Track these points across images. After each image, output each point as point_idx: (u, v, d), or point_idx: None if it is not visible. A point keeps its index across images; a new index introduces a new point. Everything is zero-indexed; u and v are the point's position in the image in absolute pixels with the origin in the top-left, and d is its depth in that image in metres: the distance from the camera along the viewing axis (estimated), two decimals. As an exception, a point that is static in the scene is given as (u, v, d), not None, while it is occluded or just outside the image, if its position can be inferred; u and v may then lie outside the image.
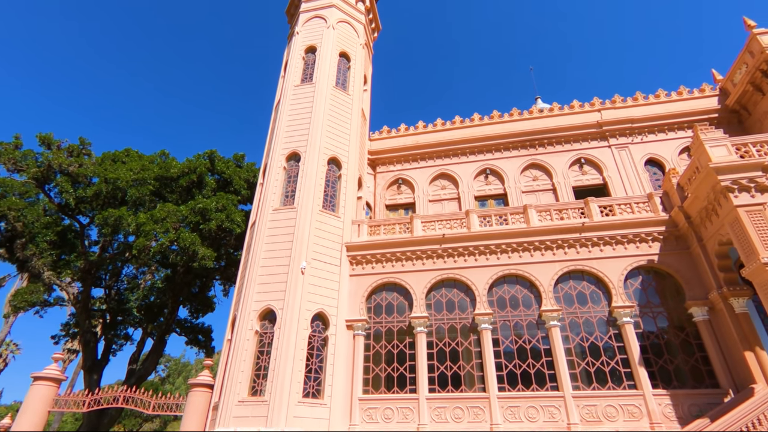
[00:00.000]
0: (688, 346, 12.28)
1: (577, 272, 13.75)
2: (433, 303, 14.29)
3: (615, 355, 12.44)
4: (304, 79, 18.88)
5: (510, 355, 13.07)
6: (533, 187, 19.59)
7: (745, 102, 18.12)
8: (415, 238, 15.06)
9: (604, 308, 13.12)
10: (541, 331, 13.16)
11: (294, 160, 16.68)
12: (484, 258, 14.39)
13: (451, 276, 14.39)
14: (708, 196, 11.53)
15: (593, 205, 14.43)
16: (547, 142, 20.29)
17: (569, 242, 13.99)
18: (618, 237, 13.65)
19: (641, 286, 13.28)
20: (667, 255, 13.21)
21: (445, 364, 13.24)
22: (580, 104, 20.90)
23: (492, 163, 20.46)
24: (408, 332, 13.95)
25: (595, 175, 19.17)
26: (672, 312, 12.84)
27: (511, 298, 13.88)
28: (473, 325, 13.56)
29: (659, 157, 18.70)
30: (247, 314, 13.53)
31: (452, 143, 21.11)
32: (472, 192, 19.99)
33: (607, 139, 19.75)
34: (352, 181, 16.93)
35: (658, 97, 20.24)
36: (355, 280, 15.00)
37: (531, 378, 12.54)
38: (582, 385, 12.20)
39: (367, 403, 12.91)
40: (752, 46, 17.36)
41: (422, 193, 20.46)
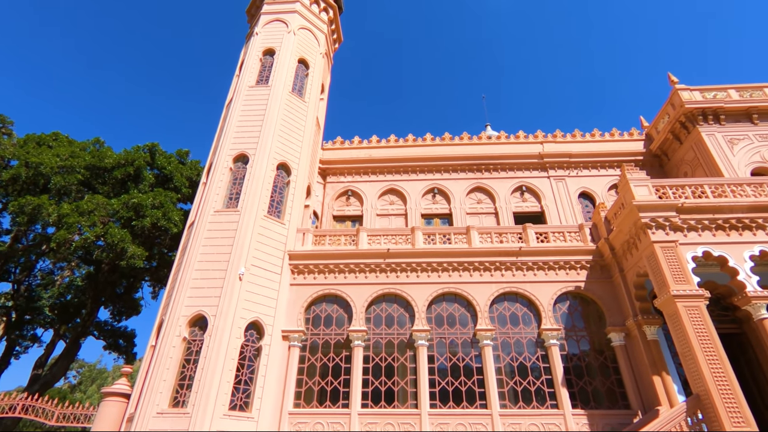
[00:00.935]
0: (606, 369, 13.16)
1: (511, 294, 14.35)
2: (373, 317, 14.27)
3: (541, 375, 13.05)
4: (260, 80, 18.49)
5: (444, 372, 13.29)
6: (477, 209, 20.35)
7: (666, 148, 20.10)
8: (360, 251, 15.04)
9: (534, 330, 13.76)
10: (475, 349, 13.54)
11: (242, 161, 16.17)
12: (426, 275, 14.65)
13: (392, 291, 14.48)
14: (630, 231, 12.56)
15: (530, 231, 15.21)
16: (492, 167, 21.22)
17: (506, 265, 14.60)
18: (550, 263, 14.46)
19: (568, 310, 14.11)
20: (592, 282, 14.17)
21: (380, 379, 13.20)
22: (525, 135, 22.14)
23: (440, 183, 21.04)
24: (345, 345, 13.79)
25: (534, 203, 20.28)
26: (594, 336, 13.73)
27: (448, 316, 14.18)
28: (410, 341, 13.68)
29: (591, 191, 20.18)
30: (175, 319, 12.75)
31: (404, 160, 21.49)
32: (419, 209, 20.39)
33: (546, 170, 21.03)
34: (300, 189, 16.68)
35: (593, 136, 21.94)
36: (296, 289, 14.66)
37: (462, 395, 12.81)
38: (509, 403, 12.64)
39: (297, 417, 12.53)
40: (674, 99, 19.38)
41: (371, 206, 20.56)
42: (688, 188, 12.66)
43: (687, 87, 19.22)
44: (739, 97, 18.74)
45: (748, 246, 11.48)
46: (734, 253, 11.40)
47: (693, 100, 18.53)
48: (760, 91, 18.96)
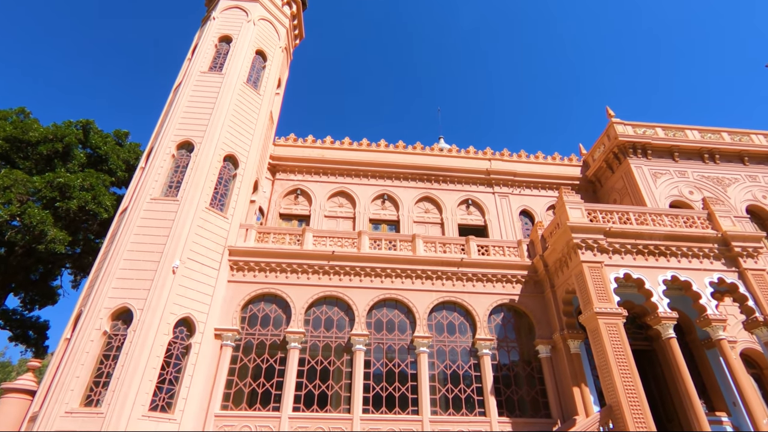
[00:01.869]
0: (532, 379, 13.84)
1: (450, 303, 14.73)
2: (312, 319, 14.05)
3: (472, 383, 13.47)
4: (213, 67, 17.76)
5: (379, 377, 13.34)
6: (425, 218, 20.75)
7: (600, 176, 21.67)
8: (305, 252, 14.79)
9: (469, 339, 14.20)
10: (411, 356, 13.72)
11: (186, 149, 15.39)
12: (369, 280, 14.68)
13: (334, 294, 14.36)
14: (563, 250, 13.36)
15: (473, 244, 15.73)
16: (442, 179, 21.78)
17: (448, 274, 14.98)
18: (489, 275, 15.03)
19: (502, 321, 14.71)
20: (525, 296, 14.89)
21: (314, 382, 12.99)
22: (475, 151, 22.96)
23: (391, 190, 21.24)
24: (281, 347, 13.45)
25: (478, 217, 21.03)
26: (523, 347, 14.40)
27: (388, 321, 14.28)
28: (348, 345, 13.61)
29: (531, 210, 21.28)
30: (96, 311, 11.81)
31: (356, 164, 21.49)
32: (368, 214, 20.44)
33: (492, 187, 21.91)
34: (247, 183, 16.14)
35: (537, 158, 23.18)
36: (234, 286, 14.12)
37: (395, 401, 12.91)
38: (440, 410, 12.91)
39: (223, 420, 12.00)
40: (610, 131, 20.96)
41: (319, 207, 20.33)
42: (615, 214, 13.70)
43: (622, 121, 20.89)
44: (665, 135, 20.66)
45: (662, 271, 12.60)
46: (650, 276, 12.47)
47: (626, 134, 20.17)
48: (681, 132, 21.02)
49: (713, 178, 19.55)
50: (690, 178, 19.42)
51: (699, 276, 12.63)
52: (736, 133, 21.25)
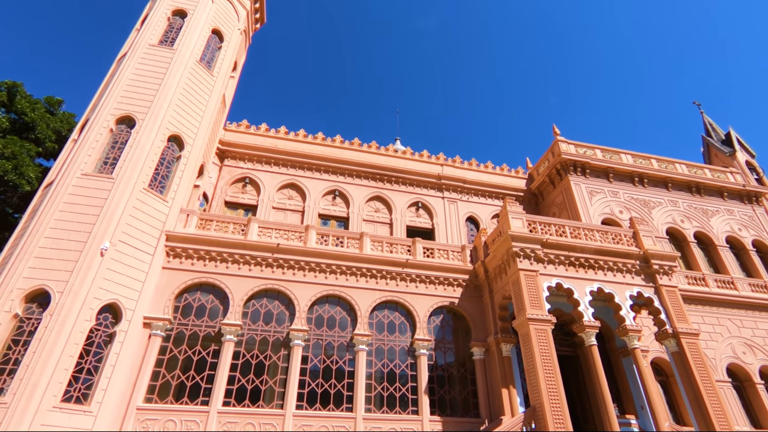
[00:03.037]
0: (465, 380, 14.32)
1: (392, 303, 14.89)
2: (251, 312, 13.66)
3: (407, 382, 13.70)
4: (164, 41, 16.77)
5: (316, 373, 13.22)
6: (374, 217, 20.84)
7: (542, 190, 22.83)
8: (248, 242, 14.35)
9: (408, 339, 14.44)
10: (350, 353, 13.73)
11: (126, 124, 14.41)
12: (313, 275, 14.51)
13: (276, 287, 14.04)
14: (503, 257, 13.93)
15: (419, 246, 16.01)
16: (395, 180, 21.97)
17: (392, 274, 15.14)
18: (432, 277, 15.36)
19: (441, 323, 15.09)
20: (465, 300, 15.37)
21: (248, 377, 12.64)
22: (429, 155, 23.38)
23: (342, 187, 21.13)
24: (216, 339, 12.96)
25: (426, 220, 21.44)
26: (459, 349, 14.86)
27: (329, 318, 14.19)
28: (287, 340, 13.37)
29: (477, 217, 22.01)
30: (7, 291, 10.76)
31: (310, 157, 21.16)
32: (317, 209, 20.20)
33: (442, 191, 22.42)
34: (192, 166, 15.41)
35: (487, 167, 24.02)
36: (168, 273, 13.42)
37: (330, 398, 12.86)
38: (374, 408, 13.02)
39: (146, 414, 11.37)
40: (555, 148, 22.15)
41: (268, 198, 19.81)
42: (553, 226, 14.50)
43: (566, 140, 22.15)
44: (603, 157, 22.15)
45: (590, 282, 13.51)
46: (579, 287, 13.32)
47: (568, 153, 21.41)
48: (617, 156, 22.64)
49: (641, 200, 21.23)
50: (621, 199, 20.96)
51: (621, 289, 13.66)
52: (663, 160, 23.22)
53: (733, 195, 23.08)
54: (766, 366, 17.27)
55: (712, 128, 30.77)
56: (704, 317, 17.78)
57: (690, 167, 23.49)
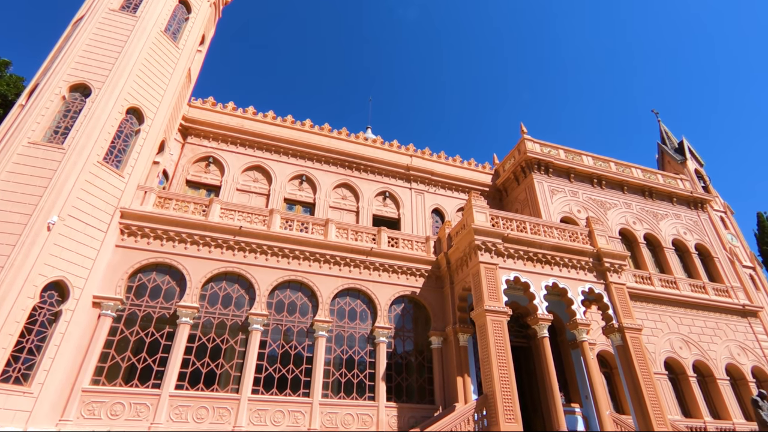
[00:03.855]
0: (422, 368, 14.62)
1: (355, 290, 14.93)
2: (209, 295, 13.34)
3: (366, 369, 13.84)
4: (126, 6, 15.82)
5: (274, 359, 13.12)
6: (341, 205, 20.73)
7: (507, 186, 23.40)
8: (210, 223, 13.95)
9: (369, 326, 14.55)
10: (310, 339, 13.70)
11: (81, 92, 13.57)
12: (276, 260, 14.31)
13: (236, 270, 13.76)
14: (465, 249, 14.23)
15: (384, 235, 16.09)
16: (363, 168, 21.89)
17: (356, 262, 15.16)
18: (395, 267, 15.50)
19: (402, 312, 15.29)
20: (426, 290, 15.63)
21: (203, 360, 12.37)
22: (399, 146, 23.41)
23: (310, 172, 20.85)
24: (171, 321, 12.59)
25: (393, 209, 21.54)
26: (418, 338, 15.13)
27: (290, 303, 14.08)
28: (245, 324, 13.17)
29: (443, 209, 22.33)
30: (-60, 264, 9.99)
31: (278, 140, 20.72)
32: (283, 193, 19.87)
33: (410, 182, 22.56)
34: (152, 142, 14.73)
35: (455, 161, 24.33)
36: (122, 252, 12.86)
37: (287, 383, 12.81)
38: (331, 393, 13.10)
39: (92, 396, 10.94)
40: (521, 146, 22.69)
41: (232, 179, 19.28)
42: (514, 222, 14.91)
43: (532, 139, 22.73)
44: (565, 157, 22.91)
45: (546, 277, 14.03)
46: (535, 281, 13.81)
47: (534, 151, 22.00)
48: (579, 157, 23.48)
49: (598, 201, 22.17)
50: (580, 199, 21.81)
51: (574, 285, 14.28)
52: (620, 164, 24.29)
53: (682, 200, 24.50)
54: (699, 360, 18.62)
55: (667, 136, 32.44)
56: (648, 314, 18.91)
57: (645, 172, 24.70)
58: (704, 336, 19.41)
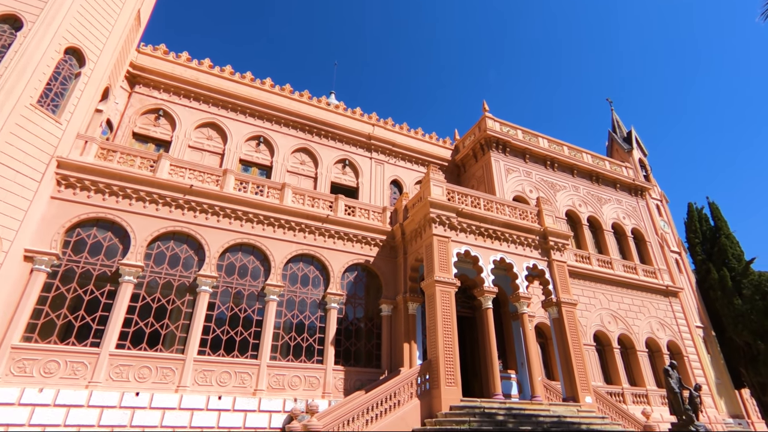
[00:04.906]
0: (371, 334, 15.03)
1: (308, 256, 14.91)
2: (155, 254, 12.85)
3: (316, 334, 14.04)
4: (66, -69, 14.12)
5: (222, 321, 12.98)
6: (299, 170, 20.33)
7: (466, 162, 23.82)
8: (158, 180, 13.26)
9: (321, 292, 14.66)
10: (260, 303, 13.63)
11: (10, 24, 12.18)
12: (228, 221, 13.93)
13: (185, 230, 13.28)
14: (420, 222, 14.49)
15: (341, 203, 16.02)
16: (324, 134, 21.45)
17: (311, 228, 15.07)
18: (351, 235, 15.57)
19: (354, 280, 15.50)
20: (380, 259, 15.88)
21: (147, 320, 12.03)
22: (361, 114, 23.06)
23: (268, 133, 20.18)
24: (112, 279, 12.06)
25: (352, 178, 21.41)
26: (369, 305, 15.46)
27: (242, 266, 13.86)
28: (193, 286, 12.87)
29: (401, 181, 22.47)
30: None
31: (235, 97, 19.77)
32: (239, 153, 19.17)
33: (371, 152, 22.42)
34: (94, 87, 13.60)
35: (417, 134, 24.36)
36: (59, 205, 12.01)
37: (235, 345, 12.77)
38: (280, 356, 13.22)
39: (23, 353, 10.40)
40: (482, 124, 23.03)
41: (184, 135, 18.31)
42: (469, 197, 15.30)
43: (493, 117, 23.10)
44: (522, 138, 23.54)
45: (494, 252, 14.64)
46: (484, 255, 14.38)
47: (494, 130, 22.41)
48: (536, 138, 24.20)
49: (549, 183, 23.12)
50: (533, 179, 22.64)
51: (520, 260, 15.01)
52: (573, 149, 25.32)
53: (624, 187, 26.06)
54: (623, 334, 20.38)
55: (618, 125, 34.02)
56: (584, 290, 20.32)
57: (594, 158, 25.93)
58: (630, 312, 21.20)
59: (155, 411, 10.77)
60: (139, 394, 10.85)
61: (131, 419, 10.49)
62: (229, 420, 11.41)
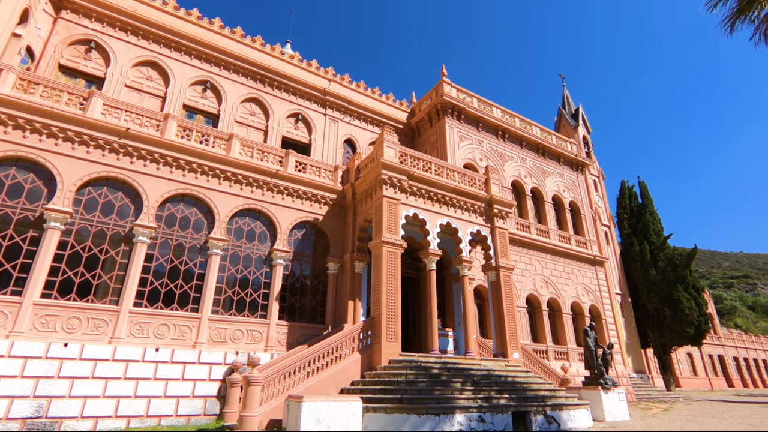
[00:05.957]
0: (317, 291, 15.17)
1: (255, 211, 14.55)
2: (86, 200, 11.95)
3: (260, 289, 13.95)
4: None
5: (161, 273, 12.51)
6: (248, 121, 19.40)
7: (421, 126, 23.82)
8: (89, 120, 12.13)
9: (267, 248, 14.47)
10: (203, 256, 13.24)
11: None
12: (168, 170, 13.16)
13: (120, 176, 12.40)
14: (371, 182, 14.48)
15: (292, 158, 15.59)
16: (277, 85, 20.46)
17: (259, 183, 14.62)
18: (300, 192, 15.31)
19: (302, 237, 15.40)
20: (329, 218, 15.82)
21: (76, 269, 11.33)
22: (318, 66, 22.15)
23: (216, 79, 18.93)
24: (36, 225, 11.13)
25: (304, 134, 20.79)
26: (316, 263, 15.51)
27: (183, 218, 13.27)
28: (129, 236, 12.20)
29: (355, 140, 22.16)
30: None
31: (180, 36, 18.19)
32: (183, 98, 17.89)
33: (326, 108, 21.76)
34: (10, 7, 11.95)
35: (374, 93, 23.89)
36: (-31, 139, 10.71)
37: (175, 298, 12.42)
38: (222, 310, 13.06)
39: (-69, 301, 9.51)
40: (439, 88, 22.95)
41: (119, 72, 16.72)
42: (421, 161, 15.43)
43: (450, 83, 23.06)
44: (477, 106, 23.80)
45: (441, 217, 15.03)
46: (432, 219, 14.74)
47: (450, 95, 22.43)
48: (490, 108, 24.56)
49: (499, 152, 23.79)
50: (484, 148, 23.16)
51: (465, 226, 15.55)
52: (524, 121, 26.04)
53: (567, 162, 27.39)
54: (552, 298, 22.06)
55: (567, 101, 35.26)
56: (521, 257, 21.57)
57: (542, 132, 26.86)
58: (561, 278, 22.89)
59: (86, 362, 10.37)
60: (68, 345, 10.37)
61: (59, 370, 10.05)
62: (167, 372, 11.26)
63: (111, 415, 10.22)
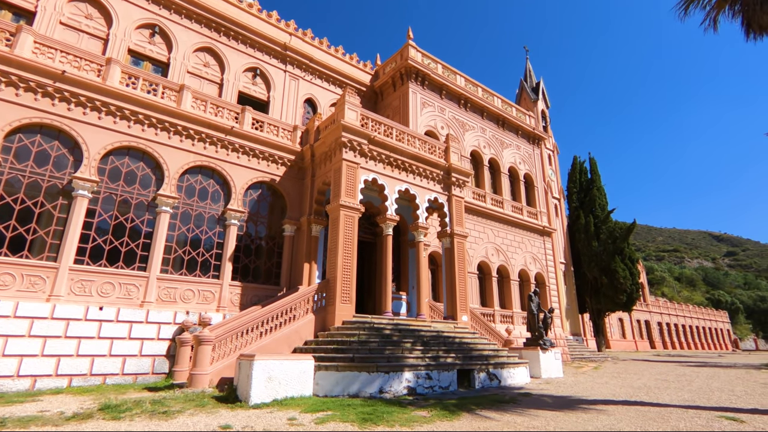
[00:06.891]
0: (272, 253, 15.02)
1: (208, 169, 13.96)
2: (17, 148, 10.95)
3: (213, 249, 13.61)
4: None
5: (105, 230, 11.87)
6: (202, 72, 18.24)
7: (384, 90, 23.40)
8: (17, 58, 10.94)
9: (221, 208, 14.03)
10: (151, 214, 12.65)
11: None
12: (112, 120, 12.24)
13: (56, 124, 11.41)
14: (331, 145, 14.21)
15: (248, 115, 14.94)
16: (233, 35, 19.24)
17: (213, 139, 13.97)
18: (256, 151, 14.80)
19: (258, 198, 15.02)
20: (287, 179, 15.48)
21: (7, 223, 10.51)
22: (278, 19, 20.97)
23: (165, 23, 17.49)
24: (-43, 173, 10.12)
25: (263, 91, 19.88)
26: (273, 225, 15.26)
27: (129, 172, 12.52)
28: (68, 189, 11.39)
29: (316, 100, 21.49)
30: None
31: (123, -29, 16.49)
32: (128, 42, 16.46)
33: (286, 64, 20.81)
34: None
35: (337, 51, 23.04)
36: None
37: (120, 256, 11.89)
38: (172, 269, 12.67)
39: None
40: (404, 52, 22.47)
41: (54, 8, 15.06)
42: (382, 126, 15.26)
43: (416, 46, 22.61)
44: (441, 73, 23.60)
45: (400, 183, 15.10)
46: (390, 185, 14.77)
47: (415, 60, 22.05)
48: (454, 76, 24.44)
49: (460, 121, 23.93)
50: (446, 116, 23.20)
51: (423, 193, 15.74)
52: (486, 91, 26.19)
53: (525, 135, 28.05)
54: (502, 265, 23.11)
55: (530, 74, 35.69)
56: (476, 225, 22.26)
57: (503, 103, 27.20)
58: (511, 247, 23.94)
59: (22, 320, 9.83)
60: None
61: (-9, 328, 9.48)
62: (112, 330, 10.91)
63: (51, 374, 9.85)
